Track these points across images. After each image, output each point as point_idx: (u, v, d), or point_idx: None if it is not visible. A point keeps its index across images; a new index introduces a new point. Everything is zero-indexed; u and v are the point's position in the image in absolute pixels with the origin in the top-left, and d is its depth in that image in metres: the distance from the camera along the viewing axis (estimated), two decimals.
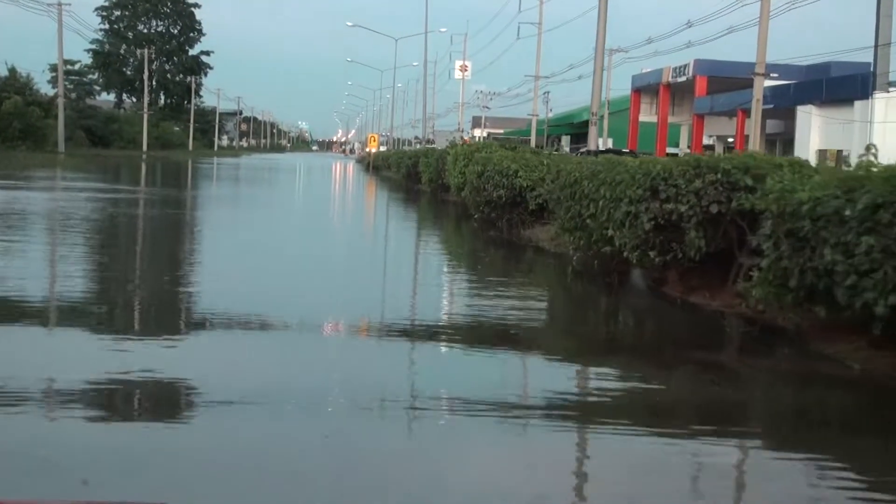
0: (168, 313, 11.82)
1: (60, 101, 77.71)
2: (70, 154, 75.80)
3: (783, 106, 60.78)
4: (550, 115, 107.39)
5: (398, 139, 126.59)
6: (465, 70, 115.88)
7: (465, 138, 78.06)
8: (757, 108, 46.03)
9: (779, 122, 66.91)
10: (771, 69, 63.70)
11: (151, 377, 8.29)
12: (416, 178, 49.61)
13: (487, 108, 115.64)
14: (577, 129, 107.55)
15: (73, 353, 9.28)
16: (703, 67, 71.24)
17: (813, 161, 19.37)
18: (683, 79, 74.11)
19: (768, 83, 60.41)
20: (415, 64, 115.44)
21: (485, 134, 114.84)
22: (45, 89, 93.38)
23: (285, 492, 5.92)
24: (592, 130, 23.33)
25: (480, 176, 26.57)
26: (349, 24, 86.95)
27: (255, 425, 7.07)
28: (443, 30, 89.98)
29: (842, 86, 56.69)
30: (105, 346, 9.58)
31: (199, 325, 11.15)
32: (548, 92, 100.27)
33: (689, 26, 67.01)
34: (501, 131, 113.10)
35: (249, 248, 19.98)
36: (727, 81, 67.21)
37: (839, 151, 54.68)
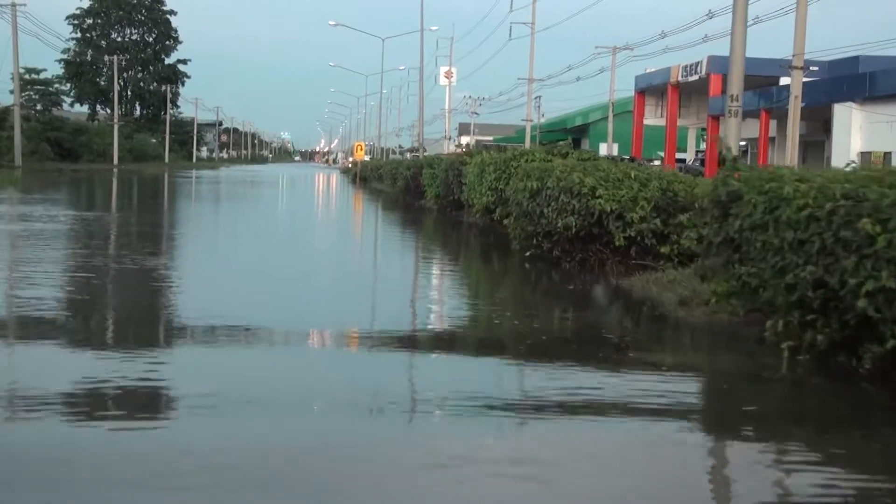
0: None
1: (16, 111, 68.48)
2: (29, 168, 66.98)
3: (814, 104, 52.44)
4: (542, 120, 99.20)
5: (384, 148, 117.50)
6: (451, 76, 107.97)
7: (462, 147, 69.57)
8: (795, 105, 38.16)
9: (802, 124, 58.78)
10: (783, 65, 55.96)
11: None
12: (417, 192, 40.63)
13: (476, 113, 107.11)
14: (572, 135, 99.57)
15: None
16: (718, 64, 63.01)
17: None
18: (695, 77, 66.06)
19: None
20: (401, 68, 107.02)
21: (473, 142, 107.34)
22: (8, 100, 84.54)
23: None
24: (732, 124, 14.33)
25: (535, 195, 17.67)
26: (332, 23, 78.03)
27: None
28: (434, 28, 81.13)
29: (889, 80, 48.53)
30: None
31: None
32: (539, 97, 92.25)
33: (710, 17, 58.97)
34: (490, 138, 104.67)
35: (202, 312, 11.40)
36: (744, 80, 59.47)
37: (886, 154, 46.97)
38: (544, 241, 17.44)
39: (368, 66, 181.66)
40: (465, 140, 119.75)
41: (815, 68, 49.21)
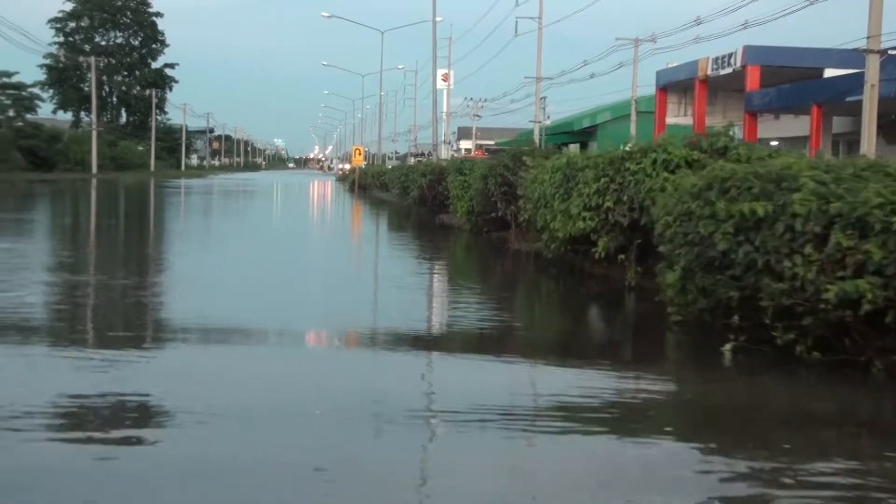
0: None
1: None
2: None
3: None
4: (548, 122, 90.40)
5: (384, 154, 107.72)
6: (448, 79, 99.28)
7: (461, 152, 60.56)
8: (872, 96, 29.26)
9: (847, 120, 50.08)
10: (829, 55, 47.01)
11: None
12: (437, 204, 31.45)
13: (478, 116, 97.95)
14: (579, 138, 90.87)
15: None
16: (756, 55, 53.94)
17: None
18: (729, 70, 56.85)
19: (841, 71, 43.92)
20: (400, 67, 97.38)
21: (473, 146, 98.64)
22: None
23: None
24: None
25: (750, 230, 8.37)
26: (325, 14, 68.58)
27: None
28: (439, 19, 71.67)
29: None
30: None
31: None
32: (545, 97, 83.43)
33: None
34: (492, 142, 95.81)
35: None
36: (778, 74, 50.64)
37: None
38: (777, 324, 8.16)
39: (363, 69, 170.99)
40: (464, 145, 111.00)
41: None
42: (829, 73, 45.98)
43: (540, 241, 17.17)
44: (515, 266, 18.78)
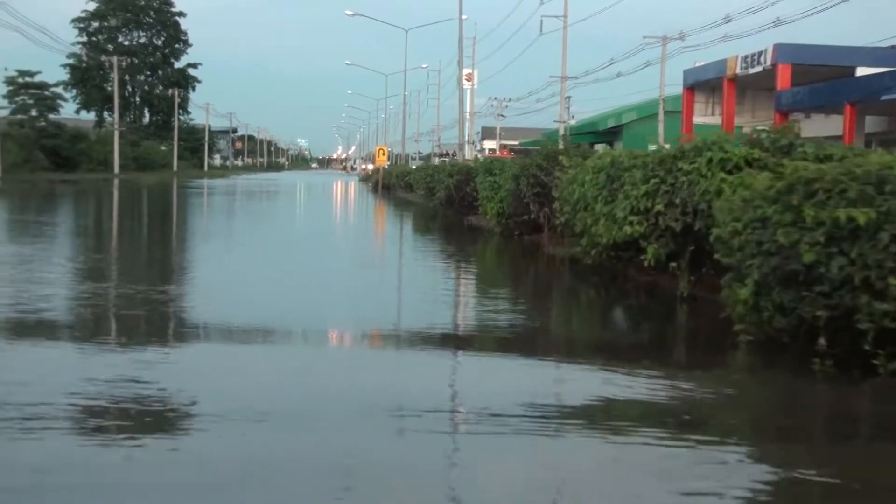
0: None
1: None
2: (12, 179, 57.30)
3: None
4: (573, 122, 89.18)
5: (408, 155, 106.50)
6: (472, 79, 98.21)
7: (505, 150, 59.36)
8: None
9: (881, 119, 48.59)
10: (862, 53, 45.63)
11: None
12: (464, 205, 30.33)
13: (503, 115, 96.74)
14: (604, 138, 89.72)
15: None
16: (786, 53, 52.51)
17: None
18: (759, 69, 55.50)
19: (874, 69, 42.62)
20: (424, 66, 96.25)
21: (497, 146, 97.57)
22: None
23: None
24: None
25: (851, 239, 7.21)
26: (349, 13, 67.51)
27: None
28: (465, 17, 70.54)
29: None
30: None
31: None
32: (569, 97, 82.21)
33: None
34: (516, 142, 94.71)
35: None
36: (808, 72, 49.20)
37: None
38: (879, 350, 7.01)
39: (386, 69, 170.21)
40: (488, 145, 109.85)
41: None
42: (861, 71, 44.58)
43: (578, 245, 15.99)
44: (552, 272, 17.61)
